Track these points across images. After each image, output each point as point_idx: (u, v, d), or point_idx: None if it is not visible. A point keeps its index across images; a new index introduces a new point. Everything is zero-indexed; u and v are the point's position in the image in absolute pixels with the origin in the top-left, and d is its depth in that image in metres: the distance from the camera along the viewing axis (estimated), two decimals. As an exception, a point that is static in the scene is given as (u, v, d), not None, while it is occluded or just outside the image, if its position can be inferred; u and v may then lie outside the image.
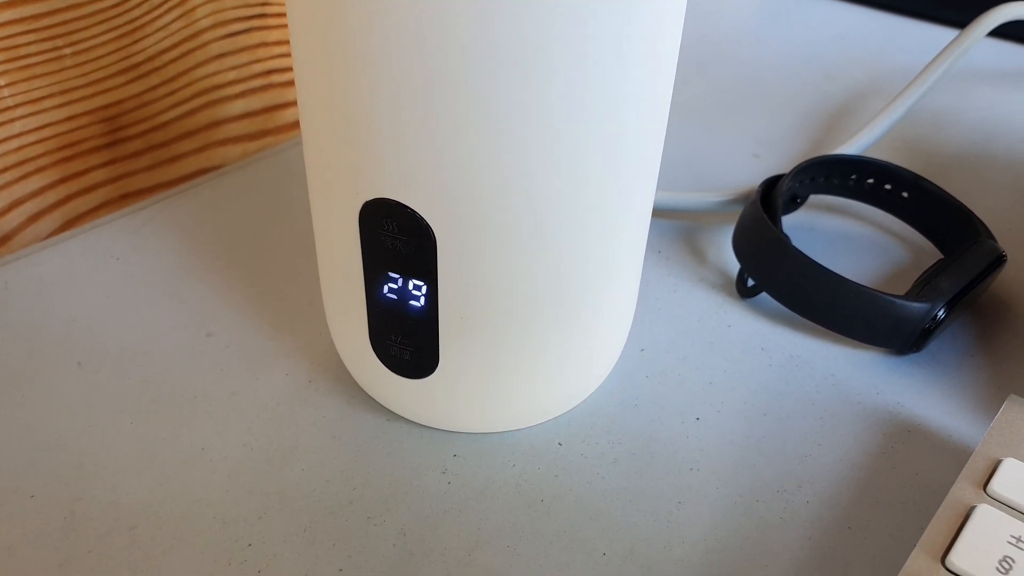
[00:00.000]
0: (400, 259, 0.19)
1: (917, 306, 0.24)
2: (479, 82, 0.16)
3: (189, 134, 0.36)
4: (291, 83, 0.39)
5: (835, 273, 0.25)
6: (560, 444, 0.22)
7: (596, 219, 0.19)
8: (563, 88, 0.16)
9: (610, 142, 0.18)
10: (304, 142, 0.20)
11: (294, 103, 0.39)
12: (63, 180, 0.32)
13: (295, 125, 0.40)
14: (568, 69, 0.16)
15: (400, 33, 0.16)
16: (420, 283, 0.19)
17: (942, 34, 0.47)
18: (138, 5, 0.32)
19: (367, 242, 0.19)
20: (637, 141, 0.19)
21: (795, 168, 0.30)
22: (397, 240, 0.19)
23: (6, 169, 0.30)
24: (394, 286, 0.19)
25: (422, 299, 0.19)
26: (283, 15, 0.37)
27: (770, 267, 0.26)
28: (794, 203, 0.31)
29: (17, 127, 0.30)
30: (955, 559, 0.17)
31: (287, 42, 0.38)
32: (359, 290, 0.20)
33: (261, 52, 0.37)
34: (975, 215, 0.28)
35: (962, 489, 0.18)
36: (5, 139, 0.30)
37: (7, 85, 0.29)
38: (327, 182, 0.19)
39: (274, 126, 0.39)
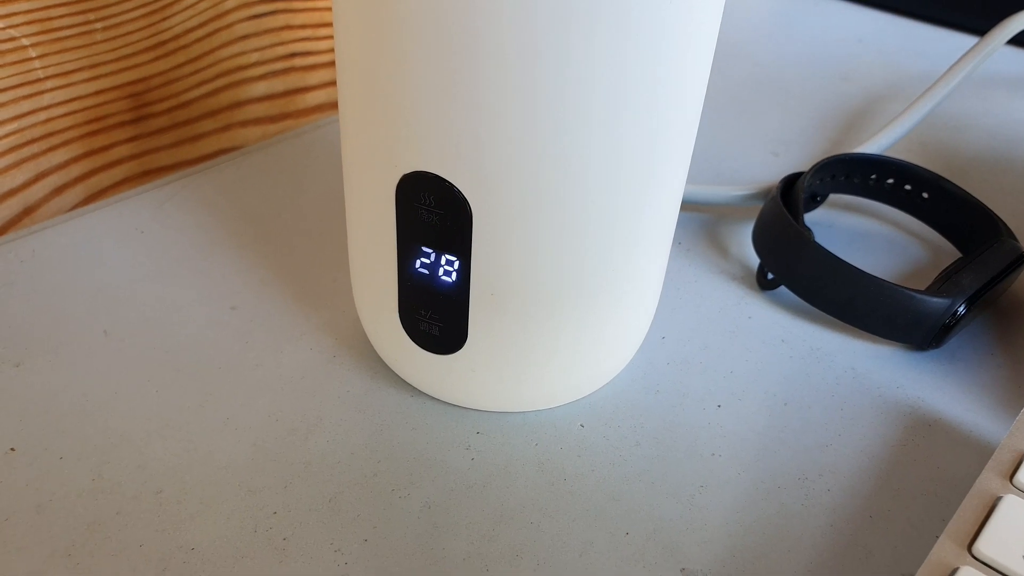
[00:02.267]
0: (435, 233, 0.19)
1: (937, 301, 0.24)
2: (522, 56, 0.16)
3: (211, 113, 0.36)
4: (313, 67, 0.39)
5: (855, 267, 0.25)
6: (582, 426, 0.22)
7: (629, 202, 0.19)
8: (604, 67, 0.17)
9: (647, 125, 0.18)
10: (341, 115, 0.20)
11: (315, 87, 0.40)
12: (88, 154, 0.32)
13: (315, 109, 0.40)
14: (609, 47, 0.16)
15: (443, 10, 0.16)
16: (453, 258, 0.19)
17: (958, 40, 0.47)
18: (169, -18, 0.32)
19: (402, 215, 0.19)
20: (673, 126, 0.19)
21: (815, 165, 0.30)
22: (433, 214, 0.19)
23: (34, 140, 0.30)
24: (427, 261, 0.20)
25: (454, 274, 0.19)
26: (309, -1, 0.38)
27: (790, 262, 0.26)
28: (814, 201, 0.32)
29: (46, 99, 0.30)
30: (982, 547, 0.17)
31: (311, 25, 0.38)
32: (391, 264, 0.20)
33: (285, 35, 0.37)
34: (997, 215, 0.28)
35: (988, 480, 0.18)
36: (34, 111, 0.30)
37: (39, 57, 0.29)
38: (365, 154, 0.19)
39: (294, 109, 0.39)
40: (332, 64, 0.40)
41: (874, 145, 0.33)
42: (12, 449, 0.20)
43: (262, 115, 0.38)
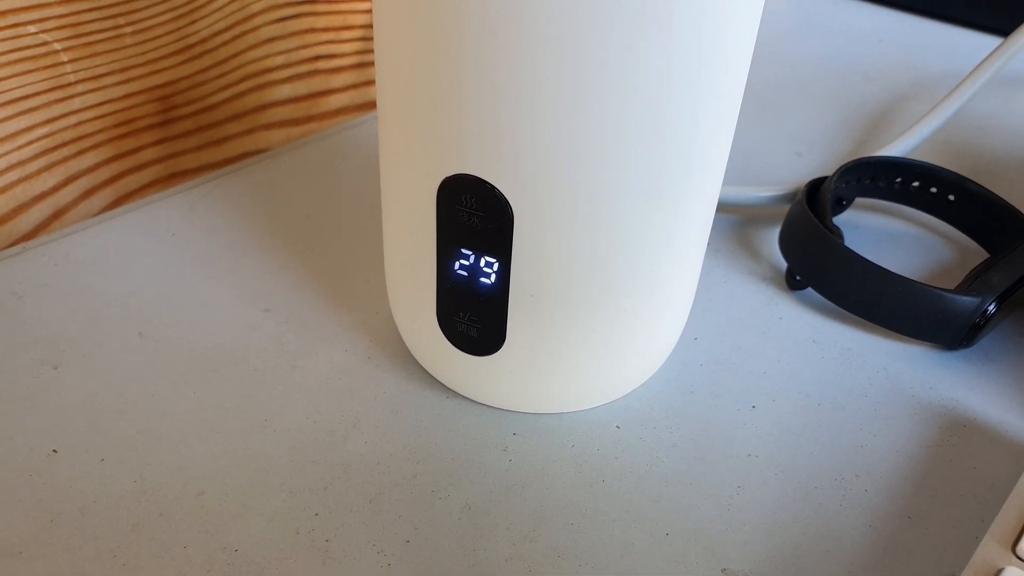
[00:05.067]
0: (476, 235, 0.19)
1: (967, 300, 0.24)
2: (564, 61, 0.16)
3: (237, 116, 0.36)
4: (336, 70, 0.39)
5: (883, 268, 0.25)
6: (618, 427, 0.22)
7: (668, 205, 0.19)
8: (644, 74, 0.17)
9: (686, 131, 0.18)
10: (381, 119, 0.20)
11: (339, 90, 0.40)
12: (117, 157, 0.32)
13: (338, 112, 0.40)
14: (650, 55, 0.16)
15: (488, 10, 0.16)
16: (493, 260, 0.19)
17: (978, 39, 0.47)
18: (196, -14, 0.32)
19: (443, 218, 0.19)
20: (710, 129, 0.19)
21: (840, 169, 0.30)
22: (475, 216, 0.19)
23: (64, 144, 0.30)
24: (467, 263, 0.20)
25: (494, 276, 0.20)
26: (333, 1, 0.38)
27: (818, 266, 0.26)
28: (840, 205, 0.32)
29: (77, 103, 0.30)
30: (1027, 546, 0.17)
31: (335, 28, 0.38)
32: (430, 266, 0.20)
33: (309, 38, 0.38)
34: (1025, 215, 0.28)
35: (1030, 479, 0.18)
36: (65, 115, 0.30)
37: (70, 62, 0.29)
38: (406, 158, 0.19)
39: (318, 112, 0.39)
40: (355, 67, 0.40)
41: (899, 147, 0.33)
42: (54, 451, 0.21)
43: (286, 118, 0.38)
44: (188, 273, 0.27)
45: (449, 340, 0.21)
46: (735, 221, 0.31)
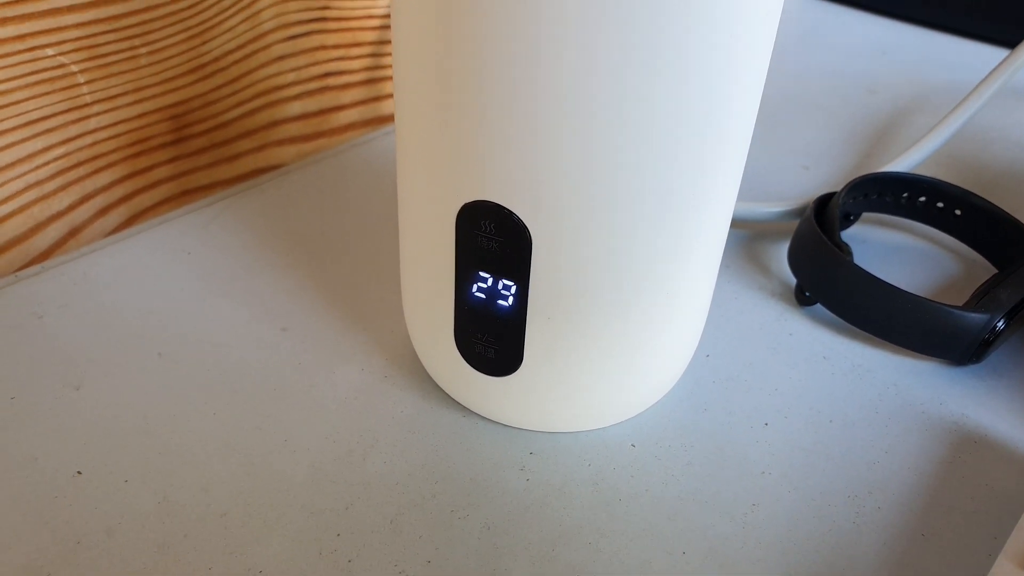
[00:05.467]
0: (494, 259, 0.19)
1: (976, 316, 0.25)
2: (582, 91, 0.17)
3: (248, 133, 0.37)
4: (346, 86, 0.40)
5: (892, 285, 0.25)
6: (634, 446, 0.23)
7: (683, 229, 0.19)
8: (660, 102, 0.17)
9: (701, 158, 0.18)
10: (399, 145, 0.20)
11: (348, 106, 0.40)
12: (130, 176, 0.33)
13: (348, 128, 0.41)
14: (666, 83, 0.17)
15: (509, 43, 0.16)
16: (511, 283, 0.20)
17: (980, 50, 0.47)
18: (210, 6, 0.33)
19: (462, 243, 0.20)
20: (725, 156, 0.19)
21: (847, 185, 0.30)
22: (493, 241, 0.19)
23: (80, 164, 0.31)
24: (484, 286, 0.20)
25: (511, 299, 0.20)
26: (342, 19, 0.38)
27: (827, 283, 0.27)
28: (847, 220, 0.32)
29: (92, 123, 0.30)
30: (1040, 565, 0.17)
31: (345, 45, 0.39)
32: (448, 289, 0.21)
33: (320, 55, 0.38)
34: (1033, 231, 0.28)
35: (1042, 498, 0.19)
36: (81, 135, 0.30)
37: (87, 83, 0.29)
38: (425, 184, 0.20)
39: (328, 128, 0.40)
40: (364, 83, 0.40)
41: (905, 162, 0.33)
42: (79, 472, 0.21)
43: (297, 134, 0.39)
44: (204, 292, 0.27)
45: (466, 361, 0.21)
46: (744, 236, 0.31)
